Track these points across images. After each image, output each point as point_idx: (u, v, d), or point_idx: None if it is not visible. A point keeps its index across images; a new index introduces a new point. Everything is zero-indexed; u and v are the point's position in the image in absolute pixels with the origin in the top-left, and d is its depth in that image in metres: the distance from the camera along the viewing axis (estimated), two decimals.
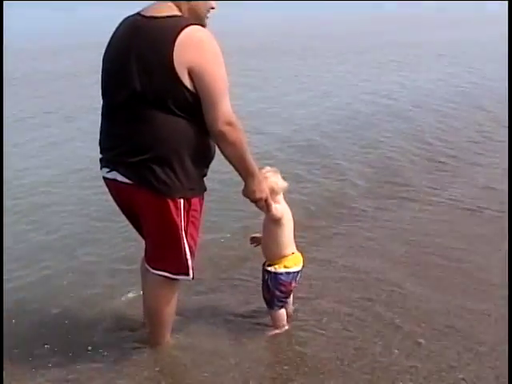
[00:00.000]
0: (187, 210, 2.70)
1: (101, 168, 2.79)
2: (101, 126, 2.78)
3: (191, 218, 2.73)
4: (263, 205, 2.84)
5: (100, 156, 2.79)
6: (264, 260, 3.16)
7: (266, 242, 3.10)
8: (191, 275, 2.81)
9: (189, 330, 3.19)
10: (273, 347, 3.09)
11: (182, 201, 2.66)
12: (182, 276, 2.82)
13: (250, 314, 3.34)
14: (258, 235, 3.26)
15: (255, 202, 2.82)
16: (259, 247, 3.21)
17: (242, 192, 2.82)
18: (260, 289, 3.17)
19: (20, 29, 21.42)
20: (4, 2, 8.04)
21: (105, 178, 2.78)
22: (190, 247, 2.75)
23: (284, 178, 3.01)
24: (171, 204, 2.64)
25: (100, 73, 2.73)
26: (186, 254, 2.75)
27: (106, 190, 2.84)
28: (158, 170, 2.58)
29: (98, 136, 2.78)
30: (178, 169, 2.61)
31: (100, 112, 2.76)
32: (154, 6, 2.62)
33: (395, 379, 2.79)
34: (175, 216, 2.66)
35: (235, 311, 3.40)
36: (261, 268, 3.17)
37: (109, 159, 2.71)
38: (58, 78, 11.86)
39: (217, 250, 4.16)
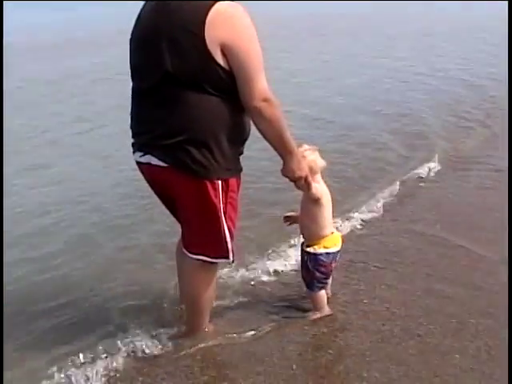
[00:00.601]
0: (225, 191, 2.61)
1: (133, 152, 2.71)
2: (131, 111, 2.70)
3: (229, 200, 2.64)
4: (303, 184, 2.75)
5: (132, 140, 2.71)
6: (302, 241, 3.09)
7: (305, 221, 3.01)
8: (231, 258, 2.74)
9: (227, 315, 3.12)
10: (314, 330, 3.00)
11: (219, 182, 2.57)
12: (221, 259, 2.75)
13: (291, 297, 3.27)
14: (292, 214, 3.18)
15: (294, 181, 2.73)
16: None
17: (281, 171, 2.72)
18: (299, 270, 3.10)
19: None
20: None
21: (138, 163, 2.70)
22: (229, 229, 2.67)
23: (323, 157, 2.91)
24: (209, 185, 2.56)
25: None
26: (225, 237, 2.67)
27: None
28: (194, 151, 2.50)
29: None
30: (215, 149, 2.53)
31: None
32: None
33: (443, 359, 2.70)
34: (213, 198, 2.58)
35: (275, 294, 3.32)
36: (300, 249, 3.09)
37: (142, 143, 2.63)
38: None
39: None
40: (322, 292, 3.08)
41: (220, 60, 2.41)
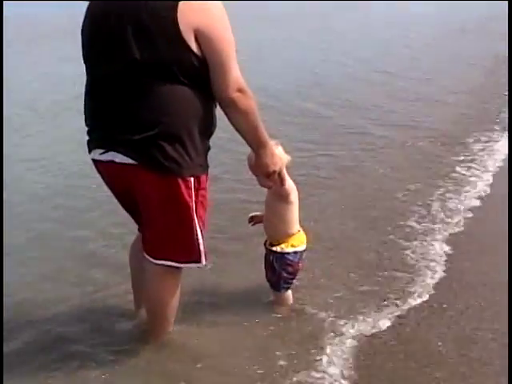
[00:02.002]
0: (196, 189, 2.44)
1: (90, 150, 2.48)
2: (87, 105, 2.47)
3: (200, 198, 2.47)
4: (275, 179, 2.63)
5: (88, 138, 2.49)
6: (265, 240, 2.97)
7: (272, 220, 2.89)
8: (203, 261, 2.56)
9: (190, 316, 2.92)
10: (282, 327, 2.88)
11: (192, 179, 2.40)
12: (191, 264, 2.57)
13: (254, 292, 3.14)
14: (257, 214, 3.06)
15: (267, 176, 2.60)
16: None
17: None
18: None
19: None
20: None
21: (96, 161, 2.47)
22: (201, 230, 2.50)
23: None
24: (182, 183, 2.38)
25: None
26: (197, 239, 2.49)
27: None
28: (166, 146, 2.31)
29: None
30: (188, 143, 2.35)
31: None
32: None
33: None
34: (186, 196, 2.40)
35: (237, 290, 3.19)
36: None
37: (104, 139, 2.40)
38: None
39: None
40: (289, 292, 2.98)
41: (193, 46, 2.25)
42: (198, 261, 2.55)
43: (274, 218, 2.87)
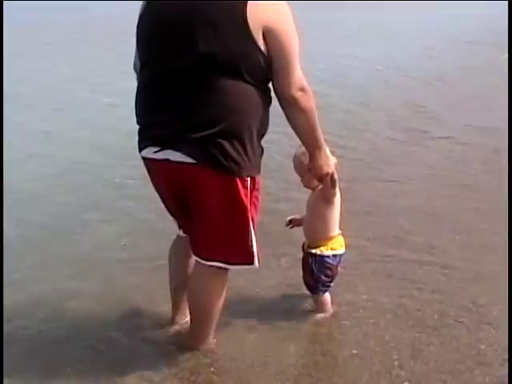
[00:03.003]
0: (251, 190, 2.43)
1: (143, 148, 2.44)
2: (141, 100, 2.43)
3: (253, 199, 2.46)
4: (327, 181, 2.64)
5: (141, 135, 2.45)
6: (303, 242, 2.97)
7: (313, 222, 2.88)
8: (256, 263, 2.53)
9: (227, 322, 2.88)
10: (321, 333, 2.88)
11: (248, 179, 2.39)
12: (242, 266, 2.54)
13: (291, 299, 3.13)
14: (295, 216, 3.06)
15: (321, 177, 2.61)
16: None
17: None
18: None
19: None
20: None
21: (149, 160, 2.43)
22: (254, 231, 2.48)
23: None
24: (239, 183, 2.35)
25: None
26: (251, 240, 2.47)
27: None
28: (227, 145, 2.28)
29: None
30: (248, 143, 2.34)
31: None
32: None
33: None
34: (243, 197, 2.38)
35: (274, 296, 3.17)
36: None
37: (161, 136, 2.35)
38: None
39: None
40: (327, 294, 2.98)
41: (261, 44, 2.24)
42: (251, 262, 2.52)
43: (316, 219, 2.86)
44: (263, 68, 2.28)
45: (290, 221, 3.08)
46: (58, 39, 14.37)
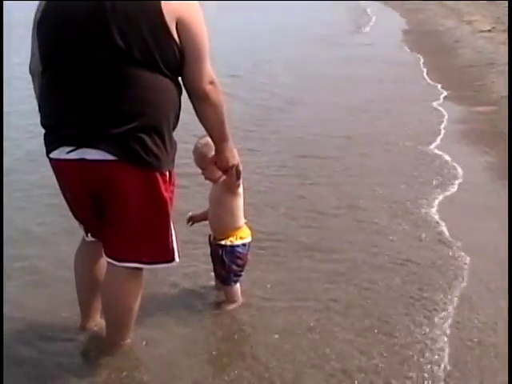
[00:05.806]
0: (169, 185, 2.40)
1: (52, 150, 2.31)
2: (50, 100, 2.32)
3: (170, 194, 2.43)
4: (233, 173, 2.68)
5: (49, 136, 2.33)
6: (209, 235, 3.00)
7: (220, 214, 2.91)
8: (177, 259, 2.50)
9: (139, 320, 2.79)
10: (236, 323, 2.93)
11: (167, 174, 2.37)
12: (161, 264, 2.51)
13: (199, 292, 3.14)
14: (194, 213, 3.08)
15: (226, 169, 2.65)
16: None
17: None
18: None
19: None
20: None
21: (61, 161, 2.31)
22: (173, 227, 2.46)
23: None
24: (160, 179, 2.33)
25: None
26: (171, 235, 2.44)
27: None
28: (147, 140, 2.24)
29: None
30: (167, 137, 2.32)
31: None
32: None
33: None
34: (164, 192, 2.35)
35: (184, 289, 3.16)
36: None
37: (76, 135, 2.24)
38: None
39: None
40: (238, 285, 3.02)
41: (175, 35, 2.23)
42: (171, 259, 2.49)
43: (222, 212, 2.90)
44: (177, 60, 2.28)
45: (191, 217, 3.09)
46: None
